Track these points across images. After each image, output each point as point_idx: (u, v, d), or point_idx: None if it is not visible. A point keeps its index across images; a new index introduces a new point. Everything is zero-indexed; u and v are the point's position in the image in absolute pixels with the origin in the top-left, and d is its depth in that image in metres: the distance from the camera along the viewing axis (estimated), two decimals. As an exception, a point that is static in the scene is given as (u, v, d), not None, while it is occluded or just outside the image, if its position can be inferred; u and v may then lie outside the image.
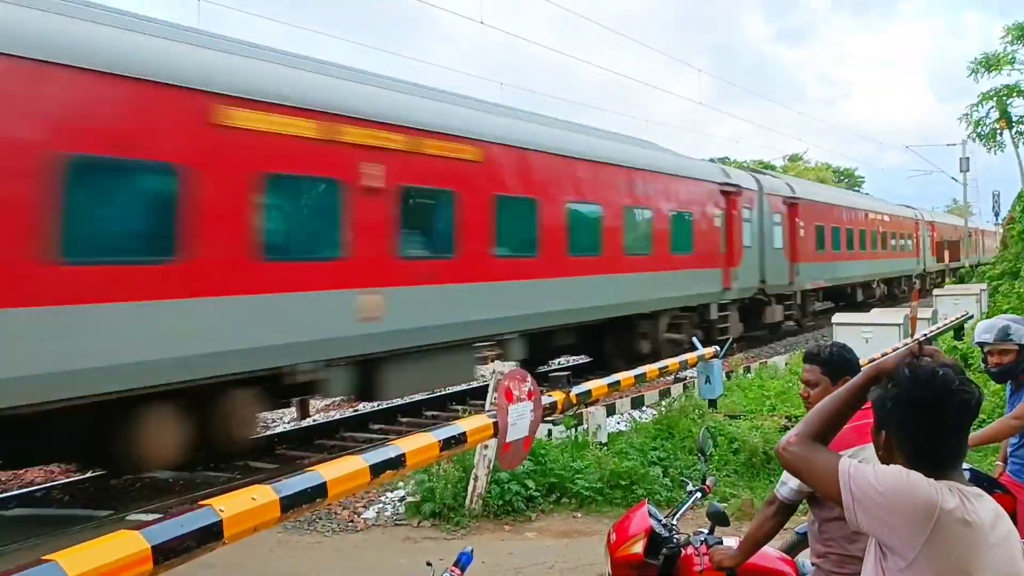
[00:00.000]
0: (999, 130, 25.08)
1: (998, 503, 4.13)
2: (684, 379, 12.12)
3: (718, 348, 10.29)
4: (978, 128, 25.41)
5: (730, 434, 8.40)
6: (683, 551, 3.30)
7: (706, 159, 24.20)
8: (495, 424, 5.67)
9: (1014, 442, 4.50)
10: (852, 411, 2.10)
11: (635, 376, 8.93)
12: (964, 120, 25.66)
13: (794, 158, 64.20)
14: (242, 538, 3.48)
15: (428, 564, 2.60)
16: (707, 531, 3.35)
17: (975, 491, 1.92)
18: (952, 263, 33.64)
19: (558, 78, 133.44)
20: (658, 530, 3.37)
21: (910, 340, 11.98)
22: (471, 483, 7.08)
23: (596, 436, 8.57)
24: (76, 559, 2.77)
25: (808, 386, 3.14)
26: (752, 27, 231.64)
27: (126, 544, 2.93)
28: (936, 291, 21.64)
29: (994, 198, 40.82)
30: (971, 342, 12.65)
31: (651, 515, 3.46)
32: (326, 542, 6.81)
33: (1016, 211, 27.15)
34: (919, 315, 13.78)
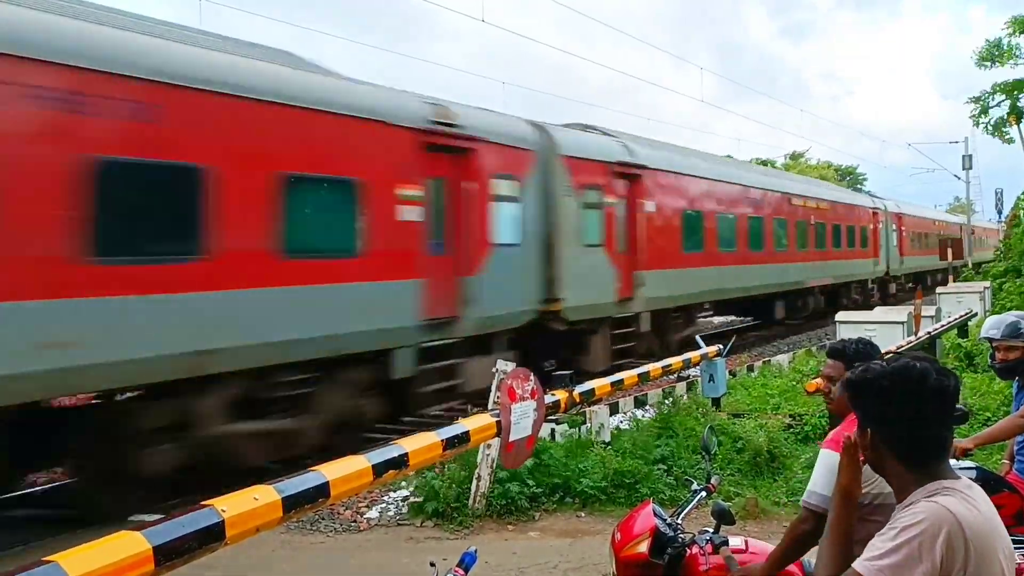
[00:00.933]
0: (1008, 125, 24.91)
1: (1005, 502, 4.13)
2: (687, 378, 12.10)
3: (722, 347, 10.27)
4: (982, 113, 25.15)
5: (734, 433, 8.38)
6: (688, 550, 3.28)
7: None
8: (498, 423, 5.66)
9: (1020, 440, 4.47)
10: (851, 528, 2.21)
11: (638, 375, 8.91)
12: (974, 106, 25.35)
13: (795, 156, 64.13)
14: (244, 539, 3.47)
15: (431, 564, 2.57)
16: (712, 530, 3.33)
17: (965, 483, 1.95)
18: (956, 261, 32.46)
19: (561, 77, 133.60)
20: (663, 529, 3.35)
21: (913, 339, 11.95)
22: (474, 483, 7.06)
23: (599, 435, 8.55)
24: (77, 560, 2.76)
25: (830, 381, 3.17)
26: (756, 23, 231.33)
27: (127, 545, 2.92)
28: (939, 289, 21.57)
29: (997, 196, 40.79)
30: (977, 338, 12.66)
31: (656, 514, 3.44)
32: (329, 542, 6.80)
33: (1020, 209, 27.09)
34: (922, 313, 13.75)
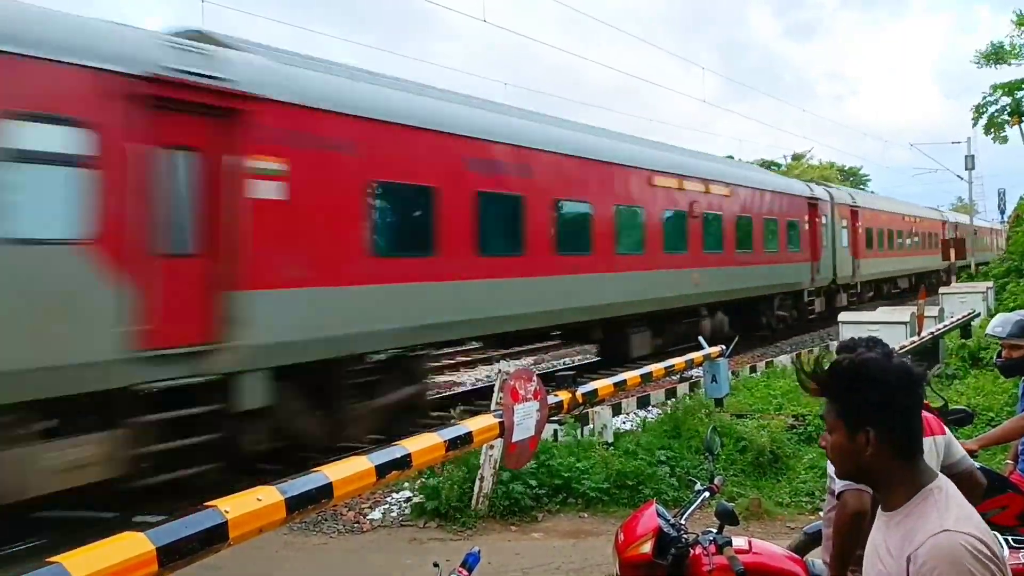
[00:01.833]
0: (1009, 124, 24.81)
1: (1009, 503, 4.12)
2: (690, 378, 12.09)
3: (724, 347, 10.26)
4: (983, 114, 25.07)
5: (737, 433, 8.37)
6: (691, 551, 3.28)
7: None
8: (501, 424, 5.66)
9: (1025, 440, 4.47)
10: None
11: (641, 375, 8.90)
12: (975, 111, 25.28)
13: (797, 157, 64.03)
14: (247, 539, 3.47)
15: (435, 565, 2.57)
16: (716, 530, 3.33)
17: (945, 479, 1.94)
18: (959, 260, 32.21)
19: (564, 77, 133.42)
20: (666, 530, 3.34)
21: (916, 339, 11.92)
22: (477, 483, 7.06)
23: (602, 436, 8.55)
24: (81, 561, 2.77)
25: None
26: (761, 22, 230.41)
27: (131, 546, 2.93)
28: (943, 289, 21.53)
29: (1000, 196, 40.71)
30: (982, 336, 12.64)
31: (659, 515, 3.44)
32: (332, 543, 6.80)
33: (1023, 209, 27.04)
34: (925, 313, 13.73)
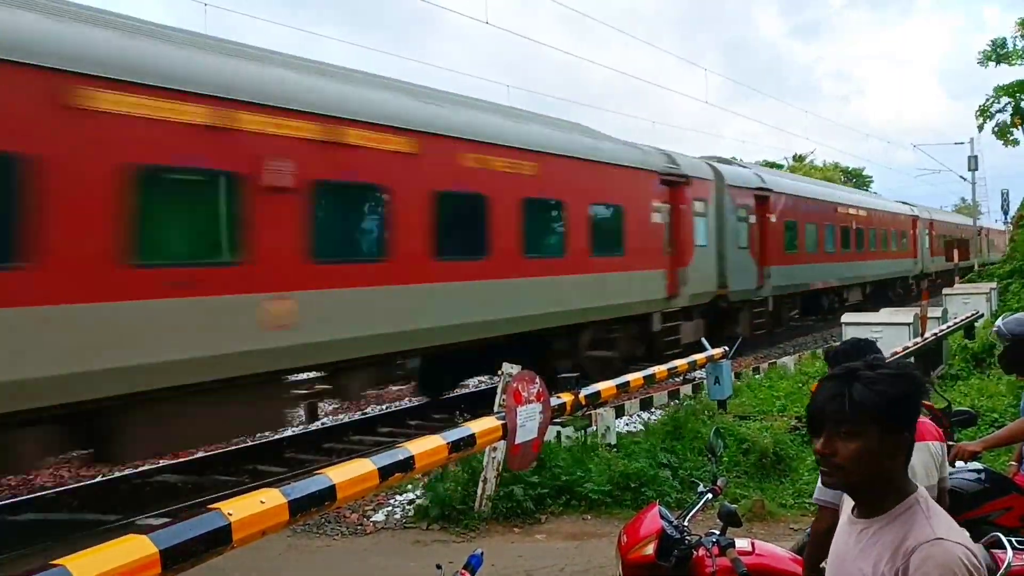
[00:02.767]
0: (1014, 125, 24.74)
1: (1013, 504, 4.11)
2: (693, 380, 12.08)
3: (727, 348, 10.26)
4: (988, 119, 25.00)
5: (740, 435, 8.36)
6: (694, 552, 3.27)
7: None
8: (504, 426, 5.65)
9: (1029, 442, 4.46)
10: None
11: (644, 377, 8.89)
12: (980, 116, 25.19)
13: (799, 158, 63.96)
14: (251, 542, 3.46)
15: (438, 567, 2.57)
16: (719, 532, 3.33)
17: (923, 488, 1.94)
18: (962, 261, 31.48)
19: (567, 78, 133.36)
20: (669, 532, 3.34)
21: (920, 340, 11.89)
22: (480, 485, 7.06)
23: (605, 438, 8.54)
24: (84, 564, 2.76)
25: None
26: (767, 21, 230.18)
27: (134, 548, 2.92)
28: (946, 290, 21.48)
29: (1003, 197, 40.63)
30: (985, 338, 12.60)
31: (662, 516, 3.44)
32: (335, 546, 6.80)
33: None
34: (928, 314, 13.70)
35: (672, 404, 10.53)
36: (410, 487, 7.69)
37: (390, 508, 7.52)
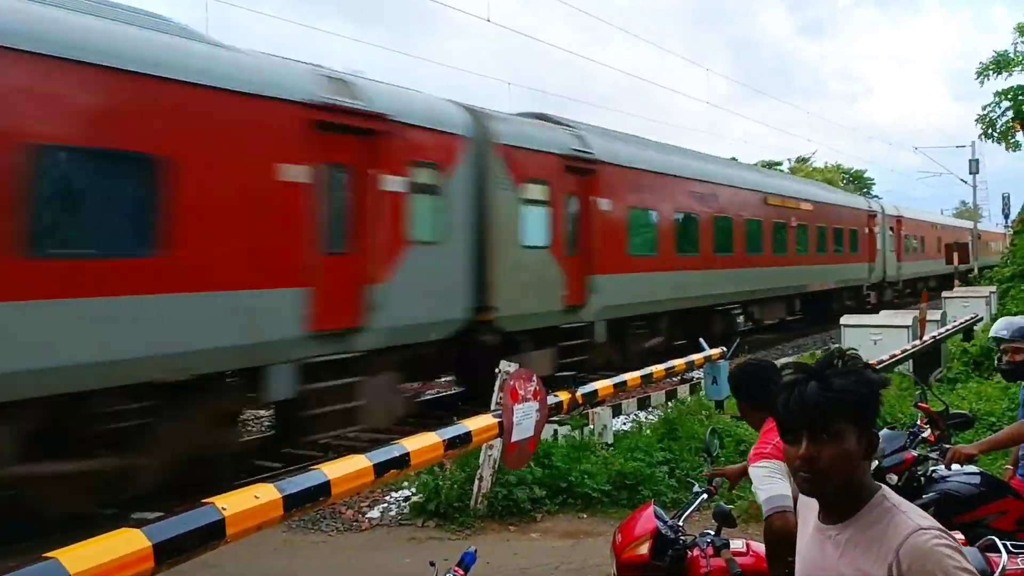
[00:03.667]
0: (1015, 130, 24.67)
1: (1009, 508, 4.10)
2: (691, 380, 12.08)
3: (725, 349, 10.26)
4: (989, 128, 24.97)
5: (737, 435, 8.35)
6: (689, 552, 3.27)
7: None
8: (500, 424, 5.65)
9: (1025, 446, 4.45)
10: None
11: (641, 376, 8.90)
12: (980, 121, 25.13)
13: (801, 160, 63.92)
14: (245, 537, 3.46)
15: (431, 564, 2.57)
16: (713, 532, 3.33)
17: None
18: (962, 265, 31.23)
19: (573, 77, 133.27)
20: (664, 531, 3.34)
21: (919, 343, 11.89)
22: (476, 483, 7.05)
23: (602, 437, 8.54)
24: (77, 557, 2.76)
25: None
26: (774, 19, 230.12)
27: (127, 542, 2.92)
28: (945, 293, 21.47)
29: (1004, 200, 40.67)
30: (986, 340, 12.60)
31: (657, 516, 3.44)
32: (330, 542, 6.80)
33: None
34: (928, 317, 13.70)
35: (670, 404, 10.51)
36: (406, 484, 7.68)
37: (386, 505, 7.51)
